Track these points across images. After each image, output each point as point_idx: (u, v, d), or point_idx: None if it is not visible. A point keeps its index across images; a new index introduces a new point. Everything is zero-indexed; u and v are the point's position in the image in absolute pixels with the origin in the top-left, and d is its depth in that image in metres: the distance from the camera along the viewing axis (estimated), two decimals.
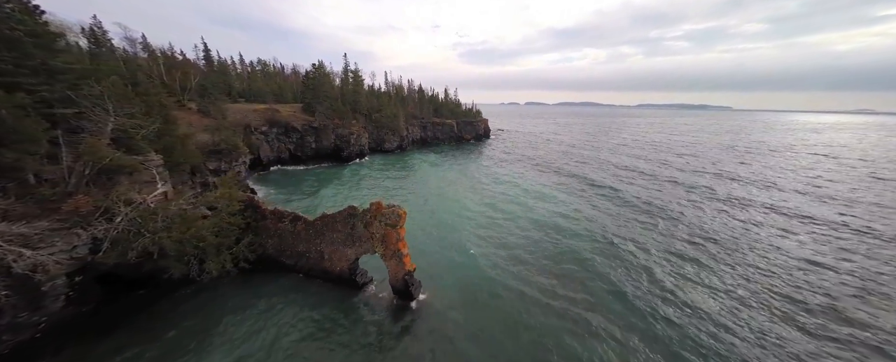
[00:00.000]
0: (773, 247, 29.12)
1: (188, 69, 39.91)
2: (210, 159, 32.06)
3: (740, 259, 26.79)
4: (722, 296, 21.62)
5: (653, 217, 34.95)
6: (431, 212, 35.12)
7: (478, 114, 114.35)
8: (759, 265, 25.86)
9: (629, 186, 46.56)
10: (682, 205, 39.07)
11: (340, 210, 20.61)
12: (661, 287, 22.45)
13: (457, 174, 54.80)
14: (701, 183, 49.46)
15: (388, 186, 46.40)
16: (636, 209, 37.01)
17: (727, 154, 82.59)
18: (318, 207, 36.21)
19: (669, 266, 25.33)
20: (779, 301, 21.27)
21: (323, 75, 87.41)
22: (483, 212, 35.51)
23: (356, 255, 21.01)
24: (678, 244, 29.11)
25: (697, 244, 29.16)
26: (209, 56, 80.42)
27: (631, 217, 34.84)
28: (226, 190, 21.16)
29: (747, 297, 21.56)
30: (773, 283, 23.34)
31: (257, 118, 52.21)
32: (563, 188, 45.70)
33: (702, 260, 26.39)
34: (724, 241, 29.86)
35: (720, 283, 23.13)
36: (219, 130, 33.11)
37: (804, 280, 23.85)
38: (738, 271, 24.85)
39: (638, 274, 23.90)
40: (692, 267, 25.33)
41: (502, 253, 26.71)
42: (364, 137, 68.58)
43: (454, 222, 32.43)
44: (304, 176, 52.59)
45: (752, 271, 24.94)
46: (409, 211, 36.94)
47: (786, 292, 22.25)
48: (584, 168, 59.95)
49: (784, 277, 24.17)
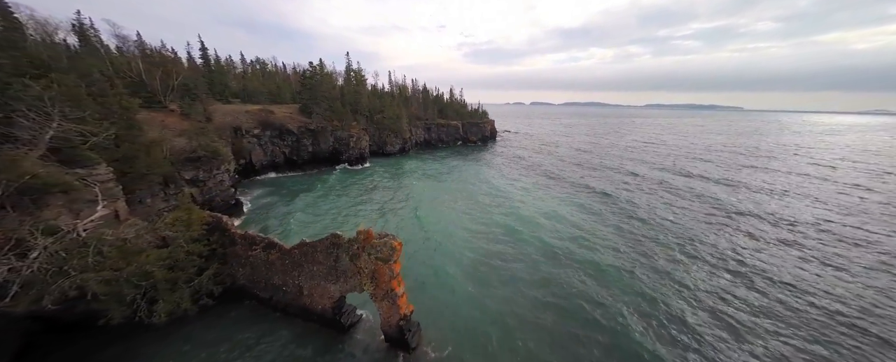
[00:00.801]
0: (839, 291, 24.41)
1: (170, 67, 36.42)
2: (186, 167, 28.55)
3: (804, 318, 20.36)
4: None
5: (686, 248, 29.74)
6: (429, 235, 30.42)
7: (484, 114, 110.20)
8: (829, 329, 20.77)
9: (651, 204, 40.30)
10: (714, 229, 33.51)
11: (322, 238, 16.78)
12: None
13: (461, 186, 49.04)
14: (730, 200, 42.76)
15: (380, 200, 41.39)
16: (662, 234, 31.31)
17: (750, 160, 77.25)
18: (308, 225, 32.51)
19: (713, 324, 19.49)
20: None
21: (323, 75, 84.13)
22: (490, 235, 30.58)
23: (341, 293, 17.17)
24: (721, 284, 24.26)
25: (751, 289, 23.07)
26: (206, 55, 77.61)
27: (658, 246, 29.25)
28: (182, 212, 17.44)
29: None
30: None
31: (249, 120, 48.80)
32: (579, 207, 38.90)
33: (756, 326, 19.49)
34: (779, 286, 24.98)
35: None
36: (197, 135, 29.55)
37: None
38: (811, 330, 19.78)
39: (670, 329, 19.01)
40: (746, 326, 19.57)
41: (513, 290, 22.51)
42: (364, 140, 64.93)
43: (456, 248, 28.08)
44: (296, 182, 48.95)
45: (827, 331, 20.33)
46: (405, 231, 31.48)
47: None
48: (598, 179, 53.33)
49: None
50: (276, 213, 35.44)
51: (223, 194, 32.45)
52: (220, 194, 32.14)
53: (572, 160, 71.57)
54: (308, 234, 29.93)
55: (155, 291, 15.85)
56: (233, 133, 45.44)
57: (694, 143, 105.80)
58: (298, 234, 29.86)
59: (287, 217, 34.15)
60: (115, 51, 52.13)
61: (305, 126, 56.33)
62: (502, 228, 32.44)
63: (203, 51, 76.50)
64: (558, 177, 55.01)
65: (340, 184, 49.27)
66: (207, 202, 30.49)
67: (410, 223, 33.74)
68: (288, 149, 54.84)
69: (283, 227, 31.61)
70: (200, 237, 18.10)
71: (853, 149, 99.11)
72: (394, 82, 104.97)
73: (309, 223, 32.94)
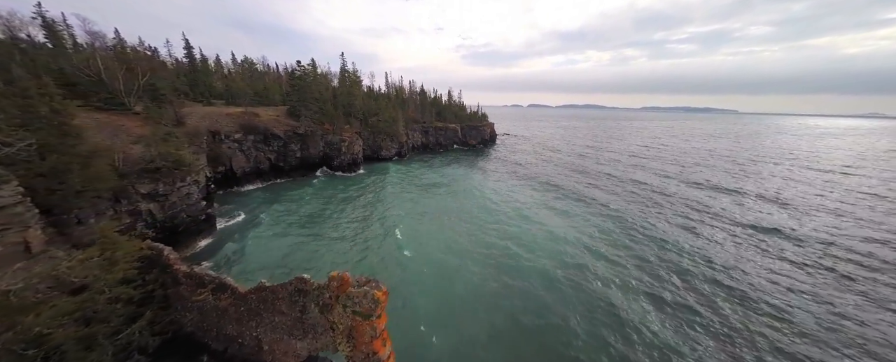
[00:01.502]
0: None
1: (135, 64, 32.42)
2: (142, 180, 24.53)
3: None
4: None
5: (708, 276, 26.12)
6: (414, 264, 25.95)
7: (484, 117, 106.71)
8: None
9: (667, 223, 35.39)
10: (745, 252, 30.10)
11: (285, 282, 12.90)
12: None
13: (457, 201, 43.06)
14: (743, 215, 38.80)
15: (360, 217, 35.84)
16: (687, 260, 27.41)
17: (758, 167, 74.17)
18: (284, 253, 28.04)
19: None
20: None
21: (314, 75, 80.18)
22: (487, 263, 26.07)
23: (310, 352, 13.27)
24: (752, 319, 20.69)
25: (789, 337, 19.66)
26: (191, 53, 73.57)
27: (682, 277, 25.24)
28: (103, 248, 13.49)
29: None
30: None
31: (230, 123, 44.76)
32: (587, 226, 34.21)
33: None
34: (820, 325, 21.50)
35: None
36: (156, 141, 25.53)
37: None
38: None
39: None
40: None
41: (514, 339, 18.68)
42: (357, 145, 61.03)
43: (445, 281, 23.71)
44: (280, 192, 44.82)
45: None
46: (387, 259, 26.26)
47: None
48: (605, 192, 47.62)
49: None
50: (253, 233, 31.08)
51: (190, 209, 28.40)
52: (187, 209, 28.10)
53: (576, 168, 66.74)
54: (286, 264, 25.91)
55: (59, 357, 11.88)
56: (210, 138, 41.39)
57: (696, 148, 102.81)
58: (272, 264, 25.82)
59: (261, 240, 29.70)
60: (88, 48, 48.15)
61: (293, 130, 52.36)
62: (501, 253, 28.02)
63: (188, 49, 72.58)
64: (562, 189, 49.67)
65: (320, 194, 44.47)
66: (169, 219, 26.46)
67: (391, 248, 28.78)
68: (273, 154, 50.81)
69: (255, 254, 27.27)
70: (131, 277, 14.16)
71: (871, 155, 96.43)
72: (390, 84, 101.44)
73: (286, 249, 28.27)
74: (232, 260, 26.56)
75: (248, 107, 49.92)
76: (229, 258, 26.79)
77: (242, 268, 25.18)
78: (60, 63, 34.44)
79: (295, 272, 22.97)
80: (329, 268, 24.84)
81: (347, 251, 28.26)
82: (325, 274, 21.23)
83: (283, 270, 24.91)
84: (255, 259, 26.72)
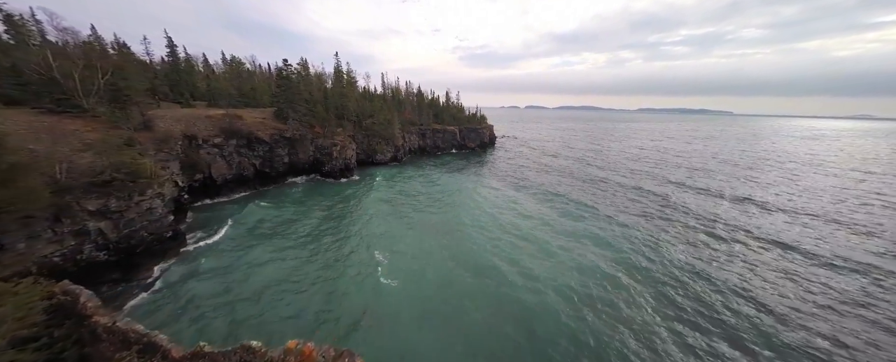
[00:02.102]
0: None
1: (94, 61, 28.79)
2: (90, 195, 20.94)
3: None
4: None
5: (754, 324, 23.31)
6: (396, 302, 21.45)
7: (483, 119, 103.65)
8: None
9: (683, 243, 31.52)
10: (774, 278, 27.40)
11: (227, 350, 9.49)
12: None
13: (452, 215, 37.99)
14: (766, 229, 35.93)
15: (340, 234, 31.32)
16: (713, 297, 23.61)
17: (766, 174, 71.77)
18: (241, 292, 22.75)
19: None
20: None
21: (306, 74, 76.62)
22: (485, 304, 21.56)
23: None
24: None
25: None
26: (174, 52, 69.80)
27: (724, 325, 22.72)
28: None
29: None
30: None
31: (209, 126, 41.07)
32: (599, 249, 29.63)
33: None
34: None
35: None
36: (109, 149, 21.94)
37: None
38: None
39: None
40: None
41: None
42: (350, 149, 57.53)
43: (433, 333, 19.09)
44: (257, 202, 40.78)
45: None
46: (365, 294, 21.50)
47: None
48: (616, 207, 42.17)
49: None
50: (219, 253, 26.82)
51: (153, 226, 24.78)
52: (149, 226, 24.48)
53: (579, 176, 61.76)
54: (246, 297, 21.62)
55: None
56: (186, 143, 37.74)
57: (697, 150, 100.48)
58: (229, 299, 21.33)
59: (224, 262, 25.22)
60: (58, 44, 44.35)
61: (280, 133, 48.78)
62: (499, 284, 23.69)
63: (171, 48, 68.86)
64: (567, 201, 44.59)
65: (303, 204, 40.16)
66: (125, 239, 22.83)
67: (372, 276, 24.39)
68: (258, 160, 47.16)
69: (210, 284, 22.71)
70: (32, 334, 10.67)
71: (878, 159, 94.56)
72: (387, 85, 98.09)
73: (249, 275, 23.76)
74: (184, 295, 21.48)
75: (229, 110, 46.22)
76: (178, 293, 21.63)
77: (193, 311, 20.23)
78: (14, 59, 30.81)
79: (250, 321, 19.19)
80: (292, 304, 20.99)
81: (316, 281, 23.55)
82: (290, 326, 17.69)
83: (243, 313, 20.20)
84: (209, 292, 21.78)
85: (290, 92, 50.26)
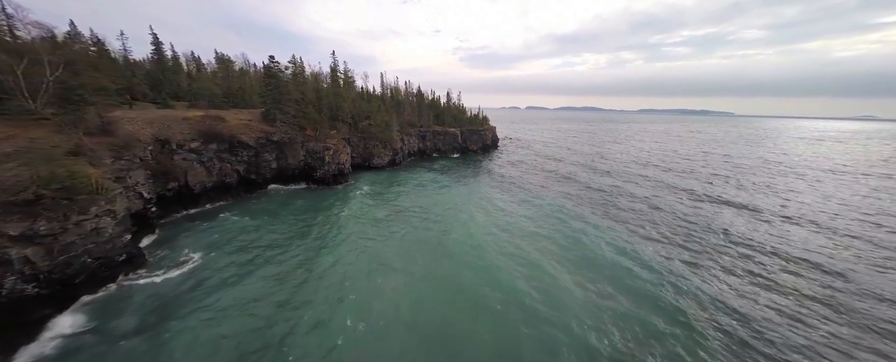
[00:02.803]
0: None
1: (42, 57, 24.84)
2: (11, 217, 17.01)
3: None
4: None
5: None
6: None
7: (485, 121, 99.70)
8: None
9: (716, 269, 27.02)
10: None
11: None
12: None
13: (444, 236, 32.20)
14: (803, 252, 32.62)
15: (310, 254, 26.77)
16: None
17: (785, 180, 67.67)
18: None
19: None
20: None
21: (308, 74, 72.75)
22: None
23: None
24: None
25: None
26: (160, 49, 66.02)
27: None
28: None
29: None
30: None
31: (185, 129, 37.10)
32: (622, 289, 23.88)
33: None
34: None
35: None
36: (38, 160, 18.00)
37: None
38: None
39: None
40: None
41: None
42: (344, 153, 53.58)
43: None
44: (226, 214, 35.66)
45: None
46: (325, 343, 16.83)
47: None
48: (629, 223, 36.96)
49: None
50: (174, 287, 21.95)
51: (100, 250, 20.79)
52: (94, 250, 20.50)
53: (591, 185, 54.86)
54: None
55: None
56: (158, 148, 33.81)
57: (708, 153, 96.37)
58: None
59: (175, 308, 19.92)
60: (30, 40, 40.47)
61: (267, 136, 44.83)
62: (498, 338, 18.46)
63: (156, 45, 65.12)
64: (580, 220, 37.84)
65: (279, 215, 35.03)
66: (61, 268, 18.78)
67: (338, 318, 19.45)
68: (243, 166, 43.20)
69: (156, 334, 17.84)
70: None
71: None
72: (385, 84, 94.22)
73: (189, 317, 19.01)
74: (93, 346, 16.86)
75: (208, 110, 42.25)
76: (86, 344, 16.93)
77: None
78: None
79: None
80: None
81: (269, 324, 18.70)
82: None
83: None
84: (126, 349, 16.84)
85: (278, 91, 46.32)
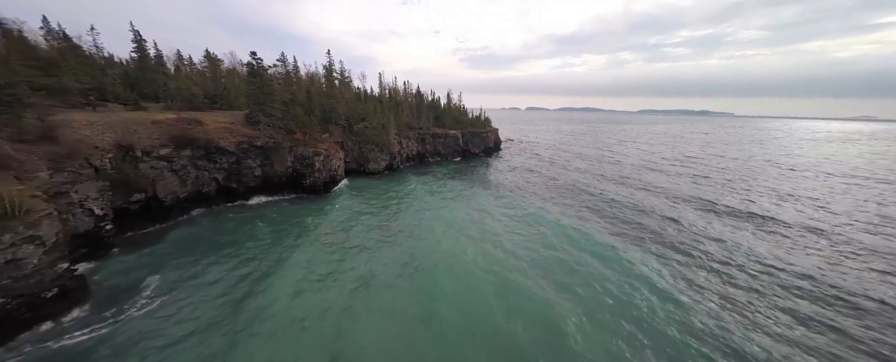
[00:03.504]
0: None
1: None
2: None
3: None
4: None
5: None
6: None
7: (487, 122, 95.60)
8: None
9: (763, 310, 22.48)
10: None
11: None
12: None
13: (439, 266, 26.20)
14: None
15: (284, 291, 21.93)
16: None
17: (807, 182, 63.61)
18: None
19: None
20: None
21: (303, 75, 68.63)
22: None
23: None
24: None
25: None
26: (143, 47, 61.85)
27: None
28: None
29: None
30: None
31: (153, 134, 32.92)
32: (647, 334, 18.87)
33: None
34: None
35: None
36: None
37: None
38: None
39: None
40: None
41: None
42: (337, 158, 49.42)
43: None
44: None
45: None
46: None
47: None
48: (650, 244, 31.17)
49: None
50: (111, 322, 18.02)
51: (19, 287, 16.66)
52: (14, 286, 16.37)
53: (600, 195, 48.75)
54: None
55: None
56: (119, 155, 29.60)
57: (717, 155, 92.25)
58: None
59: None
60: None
61: (250, 141, 40.64)
62: None
63: (138, 42, 60.95)
64: (590, 239, 32.42)
65: (252, 239, 29.94)
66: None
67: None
68: (222, 174, 38.99)
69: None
70: None
71: None
72: (383, 85, 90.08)
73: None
74: None
75: (181, 113, 38.06)
76: None
77: None
78: None
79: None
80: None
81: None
82: None
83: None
84: None
85: (262, 92, 42.14)
